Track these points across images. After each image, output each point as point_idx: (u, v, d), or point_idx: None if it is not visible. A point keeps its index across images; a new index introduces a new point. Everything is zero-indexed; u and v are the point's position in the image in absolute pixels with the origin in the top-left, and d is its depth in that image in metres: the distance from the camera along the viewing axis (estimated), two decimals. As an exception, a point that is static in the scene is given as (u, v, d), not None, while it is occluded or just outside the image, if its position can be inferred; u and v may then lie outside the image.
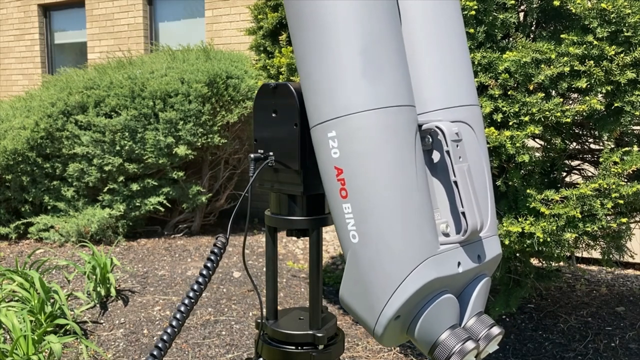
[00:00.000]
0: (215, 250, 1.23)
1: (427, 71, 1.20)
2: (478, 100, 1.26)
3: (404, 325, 1.08)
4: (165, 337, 1.17)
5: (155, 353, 1.14)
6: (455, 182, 1.08)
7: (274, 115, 1.23)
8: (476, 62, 2.14)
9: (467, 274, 1.12)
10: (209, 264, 1.22)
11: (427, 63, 1.20)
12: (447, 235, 1.11)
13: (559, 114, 2.07)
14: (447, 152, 1.08)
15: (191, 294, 1.21)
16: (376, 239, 1.05)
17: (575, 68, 2.05)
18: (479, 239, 1.15)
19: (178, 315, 1.19)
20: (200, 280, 1.21)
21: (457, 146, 1.09)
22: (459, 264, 1.09)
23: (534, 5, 2.22)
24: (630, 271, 4.15)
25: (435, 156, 1.16)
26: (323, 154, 1.08)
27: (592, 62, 2.03)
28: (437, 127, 1.10)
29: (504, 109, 2.12)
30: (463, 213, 1.08)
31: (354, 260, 1.08)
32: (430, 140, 1.15)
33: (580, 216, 2.10)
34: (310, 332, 1.24)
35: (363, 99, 1.04)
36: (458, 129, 1.11)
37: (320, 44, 1.05)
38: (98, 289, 3.40)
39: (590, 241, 2.56)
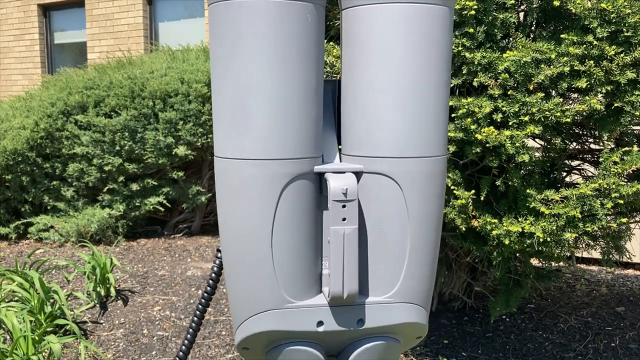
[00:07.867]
0: (215, 269, 1.28)
1: (362, 109, 1.07)
2: (439, 151, 1.09)
3: (261, 355, 1.12)
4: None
5: None
6: (329, 241, 1.04)
7: None
8: (476, 62, 2.14)
9: (340, 334, 1.09)
10: (210, 282, 1.26)
11: (365, 99, 1.07)
12: None
13: (559, 114, 2.07)
14: (329, 209, 1.03)
15: (195, 319, 1.26)
16: (231, 277, 1.09)
17: (575, 68, 2.05)
18: (362, 304, 1.09)
19: (186, 342, 1.24)
20: (203, 299, 1.25)
21: (344, 207, 1.01)
22: (320, 323, 1.08)
23: (534, 5, 2.22)
24: (630, 271, 4.15)
25: None
26: None
27: (592, 62, 2.03)
28: (327, 180, 1.03)
29: (504, 108, 2.12)
30: (328, 275, 1.03)
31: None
32: None
33: (580, 216, 2.10)
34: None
35: (227, 146, 1.06)
36: (351, 187, 1.01)
37: (214, 88, 1.09)
38: (98, 289, 3.39)
39: (590, 241, 2.56)
